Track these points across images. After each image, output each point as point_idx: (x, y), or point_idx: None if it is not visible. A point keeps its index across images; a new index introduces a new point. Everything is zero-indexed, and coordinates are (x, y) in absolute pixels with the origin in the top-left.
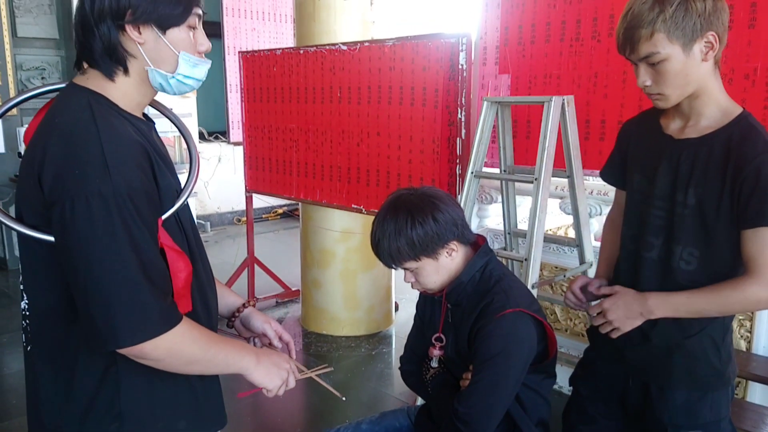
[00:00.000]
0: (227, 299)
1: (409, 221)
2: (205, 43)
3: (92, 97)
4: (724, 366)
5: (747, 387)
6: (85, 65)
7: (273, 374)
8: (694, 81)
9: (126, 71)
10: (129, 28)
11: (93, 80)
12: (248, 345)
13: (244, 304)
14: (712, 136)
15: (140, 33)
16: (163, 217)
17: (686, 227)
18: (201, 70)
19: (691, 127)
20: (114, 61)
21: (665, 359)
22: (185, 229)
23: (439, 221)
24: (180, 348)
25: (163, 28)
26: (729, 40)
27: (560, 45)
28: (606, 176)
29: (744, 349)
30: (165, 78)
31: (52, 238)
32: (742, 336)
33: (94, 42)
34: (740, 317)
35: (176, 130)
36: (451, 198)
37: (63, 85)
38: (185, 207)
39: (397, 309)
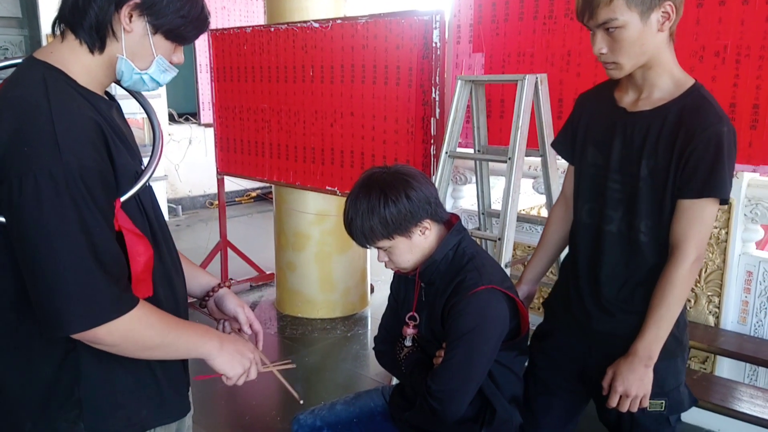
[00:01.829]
0: (201, 279)
1: (382, 199)
2: (181, 57)
3: (48, 72)
4: (681, 333)
5: (715, 361)
6: (59, 33)
7: (235, 362)
8: (648, 51)
9: (102, 50)
10: (124, 12)
11: (57, 53)
12: (213, 330)
13: (219, 284)
14: (664, 107)
15: (130, 21)
16: (122, 198)
17: (642, 199)
18: (167, 76)
19: (645, 100)
20: (98, 36)
21: (631, 331)
22: (147, 211)
23: (412, 199)
24: (136, 333)
25: (156, 29)
26: (700, 17)
27: (533, 23)
28: (556, 147)
29: (712, 324)
30: (131, 71)
31: (2, 219)
32: (710, 312)
33: (90, 10)
34: (708, 293)
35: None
36: (425, 176)
37: (21, 60)
38: (147, 189)
39: (372, 291)
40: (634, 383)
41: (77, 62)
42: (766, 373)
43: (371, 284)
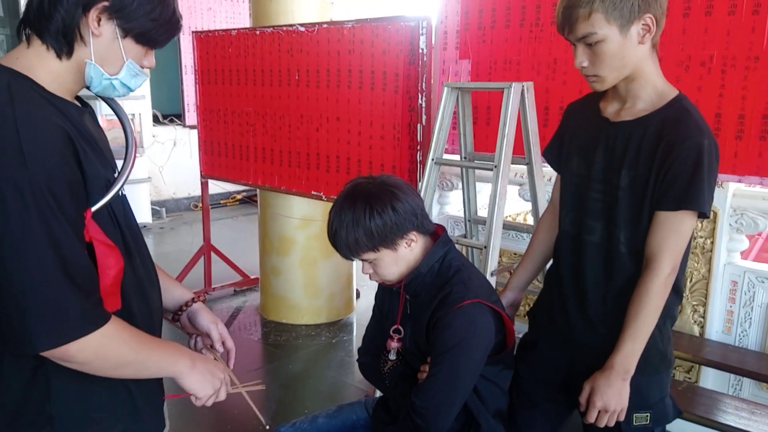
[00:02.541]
0: (174, 292)
1: (368, 211)
2: (152, 62)
3: (13, 79)
4: (666, 347)
5: (700, 372)
6: (25, 38)
7: (206, 382)
8: (630, 63)
9: (69, 55)
10: (92, 15)
11: (23, 59)
12: (185, 348)
13: (193, 299)
14: (646, 118)
15: (99, 25)
16: (93, 209)
17: (621, 210)
18: (138, 81)
19: (627, 110)
20: (66, 40)
21: (611, 345)
22: (119, 221)
23: (398, 211)
24: (108, 350)
25: (126, 33)
26: (686, 27)
27: (520, 30)
28: (547, 155)
29: (697, 335)
30: (100, 77)
31: None
32: (695, 321)
33: (56, 13)
34: (693, 303)
35: (129, 114)
36: (411, 187)
37: None
38: (120, 198)
39: (358, 296)
40: (613, 398)
41: (44, 68)
42: (750, 383)
43: (357, 289)
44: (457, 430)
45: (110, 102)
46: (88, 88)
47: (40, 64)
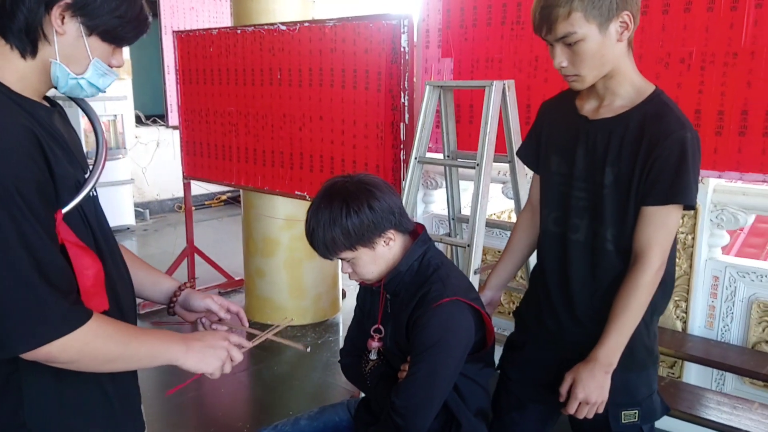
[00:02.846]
0: (162, 285)
1: (344, 210)
2: (121, 60)
3: None
4: (653, 343)
5: (683, 367)
6: None
7: (208, 356)
8: (609, 61)
9: (34, 54)
10: (54, 13)
11: None
12: (175, 333)
13: (180, 287)
14: (626, 115)
15: (63, 23)
16: (64, 210)
17: (607, 207)
18: (107, 80)
19: (606, 107)
20: (29, 39)
21: None
22: (90, 223)
23: (375, 209)
24: (93, 347)
25: (91, 31)
26: (666, 24)
27: (501, 28)
28: (521, 155)
29: (680, 330)
30: (66, 76)
31: None
32: (678, 317)
33: (18, 12)
34: (676, 298)
35: (111, 115)
36: (389, 185)
37: None
38: (91, 199)
39: (344, 296)
40: (595, 390)
41: (9, 68)
42: (733, 378)
43: (343, 290)
44: (438, 429)
45: (79, 102)
46: (55, 87)
47: (5, 64)
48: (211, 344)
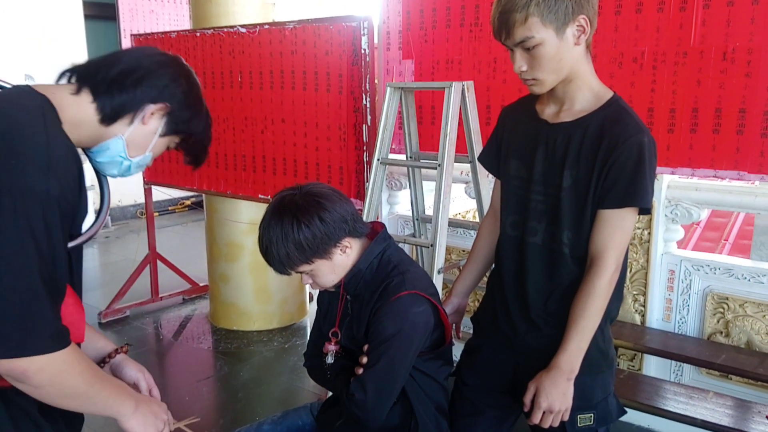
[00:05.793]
0: (97, 343)
1: (295, 224)
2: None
3: (47, 106)
4: (608, 346)
5: (642, 360)
6: (72, 82)
7: (149, 424)
8: (567, 65)
9: (108, 123)
10: (152, 108)
11: (59, 97)
12: (130, 389)
13: (116, 350)
14: (585, 119)
15: (151, 116)
16: (70, 245)
17: (564, 210)
18: (138, 171)
19: (566, 111)
20: (118, 115)
21: (557, 347)
22: (72, 265)
23: (326, 221)
24: (64, 377)
25: (167, 134)
26: (618, 25)
27: (460, 30)
28: (482, 160)
29: (638, 323)
30: (118, 152)
31: None
32: (636, 310)
33: (128, 92)
34: (634, 292)
35: None
36: (340, 193)
37: (11, 85)
38: (79, 247)
39: (311, 300)
40: (558, 398)
41: (76, 114)
42: (690, 369)
43: (310, 293)
44: (398, 424)
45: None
46: (84, 150)
47: (75, 110)
48: (155, 412)
